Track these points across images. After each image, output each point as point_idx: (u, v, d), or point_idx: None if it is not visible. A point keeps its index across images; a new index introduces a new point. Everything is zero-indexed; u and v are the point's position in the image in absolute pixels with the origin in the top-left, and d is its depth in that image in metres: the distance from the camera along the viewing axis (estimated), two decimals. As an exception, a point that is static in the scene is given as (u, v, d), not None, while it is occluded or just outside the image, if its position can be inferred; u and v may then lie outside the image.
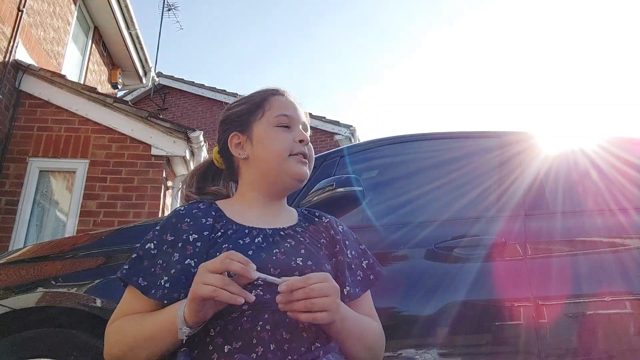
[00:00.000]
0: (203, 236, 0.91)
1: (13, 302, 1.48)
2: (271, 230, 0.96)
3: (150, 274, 0.87)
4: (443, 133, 1.99)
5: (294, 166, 0.99)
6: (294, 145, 1.00)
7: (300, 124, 1.04)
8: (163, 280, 0.86)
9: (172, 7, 10.61)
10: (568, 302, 1.42)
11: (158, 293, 0.84)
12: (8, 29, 4.68)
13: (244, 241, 0.91)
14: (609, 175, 1.64)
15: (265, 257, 0.88)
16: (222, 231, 0.93)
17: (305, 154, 1.01)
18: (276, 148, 0.99)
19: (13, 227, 4.37)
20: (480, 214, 1.65)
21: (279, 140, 1.00)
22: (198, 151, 4.99)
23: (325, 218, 1.06)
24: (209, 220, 0.94)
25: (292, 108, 1.05)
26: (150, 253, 0.90)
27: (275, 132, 1.01)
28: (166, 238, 0.91)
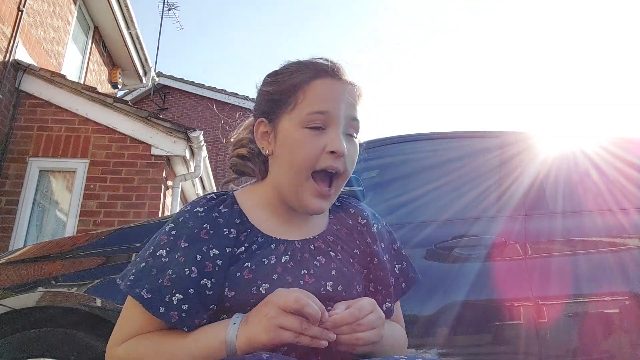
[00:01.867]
0: (225, 253, 0.77)
1: (13, 301, 1.48)
2: (300, 243, 0.82)
3: (157, 285, 0.73)
4: (443, 133, 1.99)
5: (310, 198, 0.79)
6: (322, 158, 0.77)
7: (342, 122, 0.79)
8: (175, 298, 0.72)
9: (172, 7, 10.61)
10: (568, 302, 1.42)
11: (171, 315, 0.72)
12: (8, 29, 4.68)
13: (269, 260, 0.77)
14: (609, 176, 1.64)
15: (292, 281, 0.76)
16: (246, 245, 0.79)
17: (334, 168, 0.78)
18: (298, 157, 0.78)
19: (13, 227, 4.36)
20: (480, 214, 1.66)
21: (306, 148, 0.77)
22: (198, 151, 4.99)
23: (361, 217, 0.90)
24: (232, 231, 0.80)
25: (335, 99, 0.79)
26: (160, 262, 0.76)
27: (304, 135, 0.78)
28: (180, 244, 0.77)
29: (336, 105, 0.79)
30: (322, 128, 0.78)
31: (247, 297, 0.74)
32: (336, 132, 0.78)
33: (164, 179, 4.72)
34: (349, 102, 0.80)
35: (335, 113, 0.78)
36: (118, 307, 1.40)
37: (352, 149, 0.81)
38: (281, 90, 0.82)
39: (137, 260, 0.79)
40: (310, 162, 0.77)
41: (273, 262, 0.77)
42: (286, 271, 0.77)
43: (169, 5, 10.58)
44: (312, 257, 0.80)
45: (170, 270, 0.74)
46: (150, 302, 0.73)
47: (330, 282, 0.78)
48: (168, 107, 10.72)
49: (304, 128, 0.78)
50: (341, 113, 0.79)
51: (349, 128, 0.81)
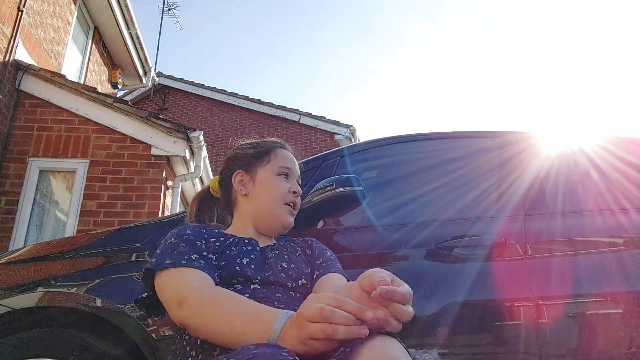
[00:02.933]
0: (219, 239, 1.10)
1: (13, 301, 1.48)
2: (263, 246, 1.16)
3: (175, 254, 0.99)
4: (443, 133, 1.99)
5: (284, 215, 1.20)
6: (287, 195, 1.21)
7: (296, 177, 1.26)
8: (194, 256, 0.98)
9: (172, 7, 10.62)
10: (568, 302, 1.42)
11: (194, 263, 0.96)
12: (8, 29, 4.68)
13: (246, 247, 1.10)
14: (609, 176, 1.64)
15: (261, 261, 1.09)
16: (231, 240, 1.11)
17: (296, 204, 1.23)
18: (275, 194, 1.20)
19: (13, 227, 4.36)
20: (480, 214, 1.65)
21: (279, 187, 1.21)
22: (198, 151, 4.99)
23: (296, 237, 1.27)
24: (222, 234, 1.13)
25: (292, 162, 1.26)
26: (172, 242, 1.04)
27: (276, 180, 1.21)
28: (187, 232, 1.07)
29: (293, 166, 1.27)
30: (287, 175, 1.24)
31: (234, 265, 1.03)
32: (294, 180, 1.25)
33: (164, 179, 4.72)
34: (297, 167, 1.28)
35: (294, 170, 1.27)
36: (118, 307, 1.40)
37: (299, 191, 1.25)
38: (259, 151, 1.26)
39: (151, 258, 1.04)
40: (283, 195, 1.21)
41: (249, 248, 1.10)
42: (257, 255, 1.09)
43: (169, 6, 10.59)
44: (271, 251, 1.14)
45: (183, 244, 1.02)
46: (174, 263, 0.96)
47: (284, 262, 1.10)
48: (168, 107, 10.72)
49: (276, 175, 1.23)
50: (296, 172, 1.27)
51: (297, 179, 1.27)
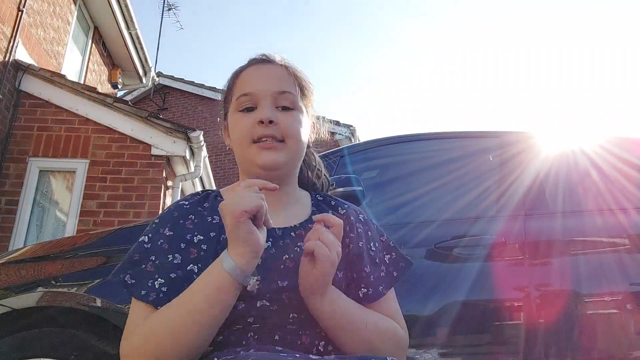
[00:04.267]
0: (209, 237, 0.83)
1: (13, 301, 1.48)
2: (281, 231, 0.86)
3: (139, 271, 0.78)
4: (443, 133, 1.99)
5: (256, 155, 0.85)
6: (253, 130, 0.85)
7: (268, 96, 0.87)
8: (157, 283, 0.76)
9: (172, 7, 10.62)
10: (568, 302, 1.42)
11: (151, 296, 0.75)
12: (8, 29, 4.68)
13: None
14: (609, 176, 1.64)
15: (273, 266, 0.80)
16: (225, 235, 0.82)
17: (267, 136, 0.85)
18: (237, 137, 0.88)
19: (13, 227, 4.36)
20: (480, 214, 1.65)
21: (238, 127, 0.88)
22: (198, 151, 4.99)
23: (342, 209, 0.94)
24: (216, 218, 0.85)
25: (255, 82, 0.89)
26: (143, 247, 0.81)
27: (237, 118, 0.89)
28: (163, 232, 0.82)
29: (257, 85, 0.88)
30: (253, 108, 0.87)
31: None
32: (262, 107, 0.87)
33: (164, 179, 4.72)
34: (272, 80, 0.89)
35: (257, 91, 0.87)
36: (118, 307, 1.40)
37: (285, 118, 0.87)
38: (226, 90, 0.96)
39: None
40: (245, 135, 0.86)
41: None
42: (269, 256, 0.81)
43: (168, 5, 10.59)
44: (292, 243, 0.85)
45: (153, 257, 0.80)
46: (133, 287, 0.77)
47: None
48: (168, 107, 10.72)
49: (237, 112, 0.89)
50: (265, 90, 0.87)
51: (279, 101, 0.88)
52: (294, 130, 0.87)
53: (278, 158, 0.85)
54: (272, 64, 0.92)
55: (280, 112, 0.87)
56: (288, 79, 0.90)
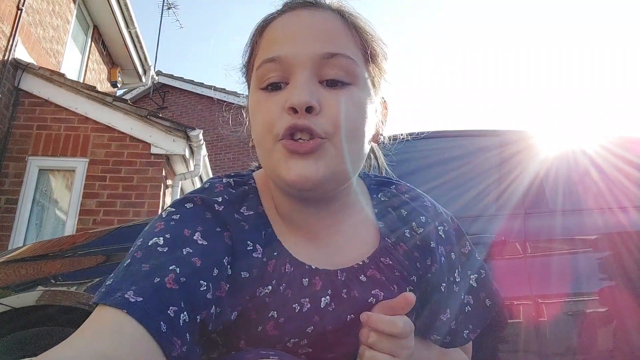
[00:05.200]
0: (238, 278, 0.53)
1: (13, 300, 1.47)
2: (344, 275, 0.57)
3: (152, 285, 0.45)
4: (442, 132, 1.99)
5: (281, 166, 0.52)
6: (281, 120, 0.52)
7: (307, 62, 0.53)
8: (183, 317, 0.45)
9: (171, 6, 10.60)
10: (568, 301, 1.42)
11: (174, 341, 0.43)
12: (7, 28, 4.67)
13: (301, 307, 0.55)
14: (609, 174, 1.64)
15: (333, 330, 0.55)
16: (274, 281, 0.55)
17: (300, 128, 0.51)
18: (256, 132, 0.56)
19: (12, 226, 4.36)
20: (480, 213, 1.65)
21: (259, 117, 0.55)
22: (197, 149, 4.98)
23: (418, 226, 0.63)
24: (258, 248, 0.56)
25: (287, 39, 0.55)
26: (157, 251, 0.49)
27: (257, 100, 0.56)
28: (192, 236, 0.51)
29: (294, 45, 0.54)
30: (281, 83, 0.55)
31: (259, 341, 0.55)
32: (297, 81, 0.52)
33: (163, 177, 4.71)
34: (316, 35, 0.54)
35: (291, 55, 0.53)
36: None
37: (334, 101, 0.52)
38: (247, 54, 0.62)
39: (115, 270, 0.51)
40: (268, 127, 0.53)
41: (307, 308, 0.55)
42: (325, 318, 0.54)
43: (168, 4, 10.57)
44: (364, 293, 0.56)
45: (177, 269, 0.47)
46: (142, 309, 0.42)
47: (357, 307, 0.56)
48: (167, 105, 10.71)
49: (259, 90, 0.56)
50: (303, 53, 0.53)
51: (325, 71, 0.53)
52: (347, 120, 0.53)
53: (317, 171, 0.51)
54: (317, 9, 0.57)
55: (327, 91, 0.53)
56: (343, 33, 0.56)
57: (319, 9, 0.57)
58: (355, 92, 0.54)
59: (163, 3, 10.58)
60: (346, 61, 0.54)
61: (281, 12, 0.58)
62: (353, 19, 0.57)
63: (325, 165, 0.51)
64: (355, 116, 0.54)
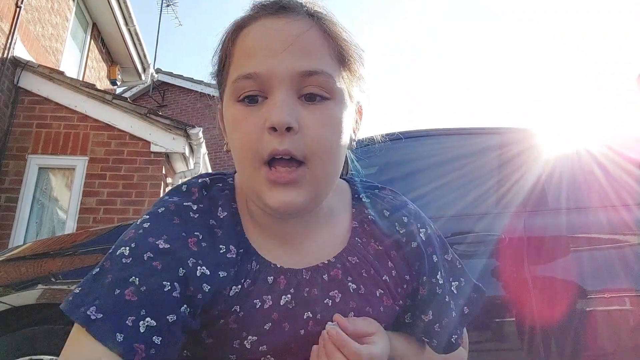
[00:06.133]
0: (217, 278, 0.55)
1: (13, 299, 1.47)
2: (309, 273, 0.58)
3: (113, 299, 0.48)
4: (444, 129, 1.98)
5: (264, 193, 0.53)
6: (260, 143, 0.52)
7: (286, 79, 0.52)
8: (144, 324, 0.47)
9: (170, 3, 10.57)
10: (569, 299, 1.41)
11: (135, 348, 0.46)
12: (6, 26, 4.66)
13: (262, 303, 0.56)
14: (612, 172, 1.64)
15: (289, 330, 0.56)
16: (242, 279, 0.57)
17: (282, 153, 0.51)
18: (236, 149, 0.55)
19: (12, 224, 4.36)
20: (481, 211, 1.65)
21: (238, 134, 0.54)
22: (197, 148, 4.98)
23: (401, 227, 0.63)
24: (232, 249, 0.57)
25: (263, 52, 0.52)
26: (121, 262, 0.51)
27: (234, 112, 0.54)
28: (156, 243, 0.53)
29: (272, 60, 0.51)
30: (258, 97, 0.53)
31: (226, 351, 0.56)
32: (277, 99, 0.51)
33: (163, 175, 4.71)
34: (292, 49, 0.52)
35: (269, 72, 0.51)
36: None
37: (313, 119, 0.52)
38: (218, 56, 0.59)
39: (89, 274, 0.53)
40: (250, 147, 0.52)
41: (268, 305, 0.56)
42: (284, 316, 0.56)
43: (167, 1, 10.54)
44: (322, 292, 0.58)
45: (137, 279, 0.49)
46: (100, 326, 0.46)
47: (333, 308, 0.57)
48: (167, 103, 10.70)
49: (236, 102, 0.54)
50: (281, 70, 0.51)
51: (303, 87, 0.52)
52: (325, 141, 0.53)
53: (297, 199, 0.53)
54: (292, 16, 0.54)
55: (304, 107, 0.53)
56: (319, 45, 0.54)
57: (294, 15, 0.54)
58: (332, 107, 0.54)
59: (162, 0, 10.56)
60: (325, 78, 0.53)
61: (254, 18, 0.55)
62: (329, 24, 0.56)
63: (306, 192, 0.53)
64: (333, 135, 0.54)
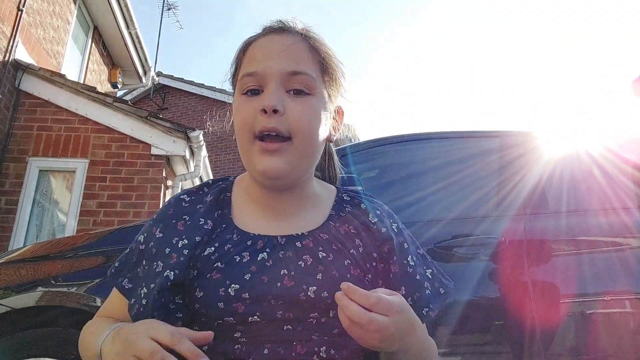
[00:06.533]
0: (193, 242, 0.71)
1: (13, 301, 1.47)
2: (284, 239, 0.72)
3: (135, 275, 0.74)
4: (444, 133, 1.98)
5: (256, 159, 0.70)
6: (256, 121, 0.69)
7: (277, 77, 0.70)
8: (143, 292, 0.69)
9: (171, 7, 10.61)
10: (569, 301, 1.41)
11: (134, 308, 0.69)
12: (8, 29, 4.67)
13: (241, 258, 0.69)
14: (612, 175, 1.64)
15: (268, 281, 0.67)
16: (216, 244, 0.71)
17: (269, 129, 0.68)
18: (237, 128, 0.73)
19: (13, 227, 4.36)
20: (482, 214, 1.65)
21: (239, 115, 0.72)
22: (198, 150, 4.98)
23: (373, 215, 0.77)
24: (209, 222, 0.74)
25: (262, 57, 0.72)
26: (138, 249, 0.76)
27: (239, 103, 0.73)
28: (155, 232, 0.74)
29: (268, 62, 0.71)
30: (259, 91, 0.71)
31: (214, 299, 0.66)
32: (268, 90, 0.70)
33: (163, 178, 4.71)
34: (284, 55, 0.71)
35: (265, 70, 0.70)
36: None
37: (296, 106, 0.70)
38: (231, 66, 0.80)
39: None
40: (247, 125, 0.70)
41: (246, 259, 0.69)
42: (262, 270, 0.68)
43: (168, 5, 10.58)
44: (296, 256, 0.70)
45: (144, 261, 0.74)
46: (130, 293, 0.73)
47: (313, 287, 0.67)
48: (168, 106, 10.71)
49: (241, 95, 0.73)
50: (273, 69, 0.70)
51: (290, 84, 0.71)
52: (304, 122, 0.70)
53: (281, 165, 0.69)
54: (287, 34, 0.74)
55: (291, 98, 0.70)
56: (306, 55, 0.73)
57: (289, 33, 0.75)
58: (313, 101, 0.72)
59: (163, 4, 10.59)
60: (307, 78, 0.71)
61: (260, 35, 0.76)
62: (315, 42, 0.75)
63: (286, 161, 0.70)
64: (312, 120, 0.71)
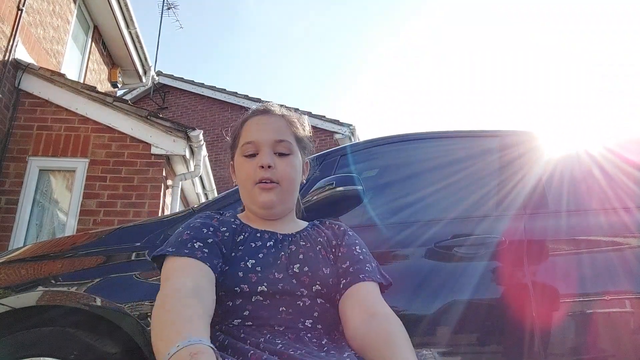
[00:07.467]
0: (232, 229, 1.02)
1: (13, 301, 1.47)
2: (282, 235, 1.04)
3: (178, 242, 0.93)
4: (445, 132, 1.98)
5: (257, 196, 1.03)
6: (256, 174, 1.03)
7: (268, 144, 1.04)
8: (196, 244, 0.91)
9: (171, 6, 10.61)
10: (569, 301, 1.41)
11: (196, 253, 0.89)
12: (7, 28, 4.67)
13: (255, 244, 0.99)
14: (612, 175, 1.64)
15: (272, 260, 0.96)
16: (241, 236, 1.01)
17: (266, 179, 1.02)
18: (242, 180, 1.06)
19: (13, 226, 4.36)
20: (481, 213, 1.65)
21: (244, 171, 1.05)
22: (198, 150, 4.98)
23: (338, 227, 1.10)
24: (226, 233, 1.02)
25: (256, 131, 1.06)
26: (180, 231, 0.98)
27: (242, 162, 1.06)
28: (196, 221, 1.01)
29: (258, 135, 1.05)
30: (255, 154, 1.05)
31: (237, 269, 0.93)
32: (262, 153, 1.04)
33: (163, 178, 4.71)
34: (271, 129, 1.06)
35: (259, 140, 1.04)
36: (118, 306, 1.39)
37: (282, 163, 1.04)
38: (232, 136, 1.14)
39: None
40: (250, 177, 1.03)
41: (259, 244, 0.99)
42: (269, 253, 0.98)
43: (168, 4, 10.58)
44: (289, 245, 1.02)
45: (187, 231, 0.96)
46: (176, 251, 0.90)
47: (297, 264, 0.97)
48: (168, 106, 10.71)
49: (243, 157, 1.06)
50: (266, 139, 1.04)
51: (277, 148, 1.05)
52: (287, 174, 1.04)
53: (273, 198, 1.03)
54: (271, 115, 1.08)
55: (278, 158, 1.04)
56: (285, 128, 1.07)
57: (273, 114, 1.09)
58: (292, 159, 1.07)
59: (163, 3, 10.59)
60: (287, 144, 1.06)
61: (252, 115, 1.11)
62: (289, 119, 1.10)
63: (277, 196, 1.04)
64: (292, 172, 1.06)
